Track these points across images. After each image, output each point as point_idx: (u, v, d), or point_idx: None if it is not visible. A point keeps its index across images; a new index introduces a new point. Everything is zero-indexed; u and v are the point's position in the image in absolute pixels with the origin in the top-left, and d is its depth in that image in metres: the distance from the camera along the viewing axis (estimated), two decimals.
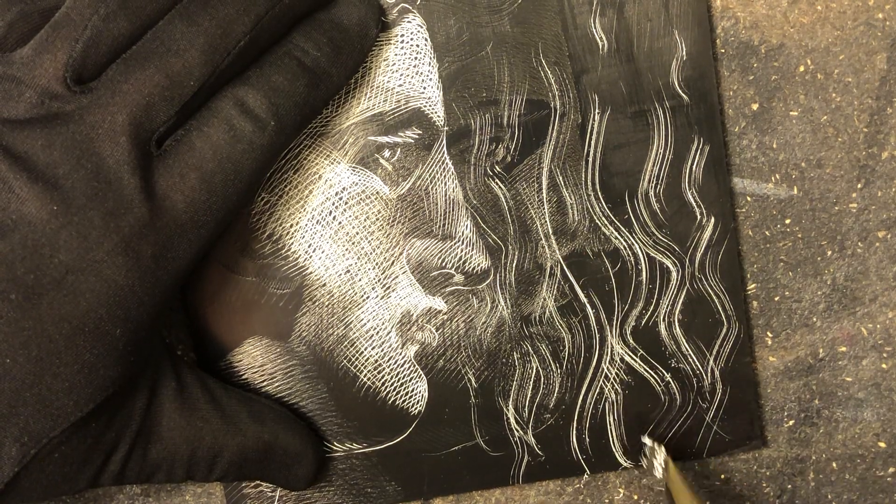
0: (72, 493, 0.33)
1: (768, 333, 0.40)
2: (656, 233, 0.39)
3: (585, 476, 0.40)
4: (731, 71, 0.38)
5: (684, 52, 0.37)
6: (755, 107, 0.39)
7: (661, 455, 0.38)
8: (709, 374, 0.39)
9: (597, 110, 0.38)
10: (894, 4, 0.38)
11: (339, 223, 0.38)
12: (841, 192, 0.39)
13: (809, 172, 0.39)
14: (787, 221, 0.39)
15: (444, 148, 0.38)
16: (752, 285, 0.40)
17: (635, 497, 0.41)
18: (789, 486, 0.41)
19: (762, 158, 0.39)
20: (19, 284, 0.29)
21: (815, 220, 0.39)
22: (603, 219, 0.38)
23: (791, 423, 0.41)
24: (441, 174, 0.38)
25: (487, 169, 0.38)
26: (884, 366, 0.40)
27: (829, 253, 0.40)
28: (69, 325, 0.30)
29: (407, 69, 0.37)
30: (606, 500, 0.41)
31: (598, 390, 0.39)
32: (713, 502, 0.41)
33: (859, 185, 0.39)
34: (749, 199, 0.39)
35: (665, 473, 0.38)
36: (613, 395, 0.39)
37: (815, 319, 0.40)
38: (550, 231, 0.38)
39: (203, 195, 0.31)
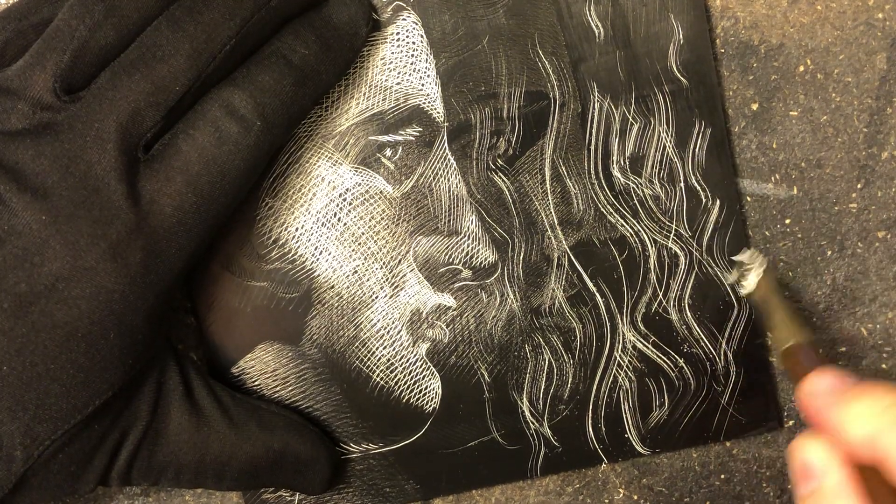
0: (83, 492, 0.33)
1: (768, 334, 0.40)
2: (662, 218, 0.38)
3: (590, 472, 0.40)
4: (731, 71, 0.38)
5: (681, 36, 0.37)
6: (755, 107, 0.38)
7: (757, 269, 0.37)
8: (722, 358, 0.39)
9: (596, 98, 0.38)
10: (894, 4, 0.38)
11: (345, 224, 0.38)
12: (841, 192, 0.39)
13: (809, 172, 0.39)
14: (787, 221, 0.39)
15: (446, 144, 0.38)
16: None
17: (635, 497, 0.41)
18: (789, 486, 0.41)
19: (762, 158, 0.39)
20: (11, 293, 0.30)
21: (814, 221, 0.39)
22: (608, 206, 0.38)
23: (791, 422, 0.40)
24: (444, 170, 0.38)
25: (490, 163, 0.38)
26: (883, 366, 0.40)
27: (829, 253, 0.39)
28: (62, 332, 0.30)
29: (404, 67, 0.37)
30: (606, 500, 0.41)
31: (611, 379, 0.39)
32: (713, 502, 0.41)
33: (859, 185, 0.39)
34: (749, 199, 0.39)
35: (757, 289, 0.37)
36: (627, 383, 0.39)
37: (814, 319, 0.40)
38: (556, 221, 0.38)
39: (190, 198, 0.32)
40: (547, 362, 0.39)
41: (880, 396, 0.28)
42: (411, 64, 0.37)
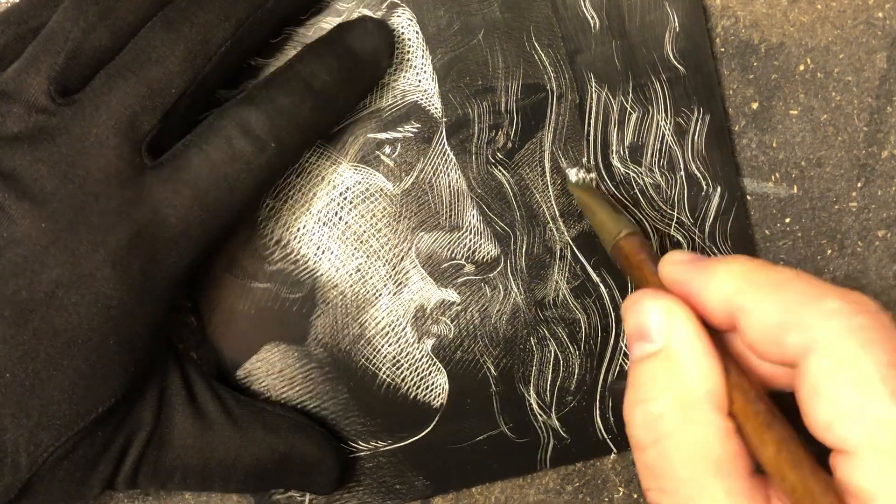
0: (88, 498, 0.33)
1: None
2: (663, 207, 0.38)
3: (590, 470, 0.40)
4: (731, 70, 0.38)
5: (676, 24, 0.37)
6: (755, 106, 0.38)
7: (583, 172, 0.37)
8: None
9: (594, 89, 0.38)
10: (894, 3, 0.38)
11: (346, 223, 0.38)
12: (841, 190, 0.39)
13: (809, 171, 0.39)
14: (787, 220, 0.39)
15: (444, 139, 0.38)
16: None
17: (635, 496, 0.41)
18: None
19: (762, 157, 0.39)
20: (11, 301, 0.30)
21: (814, 219, 0.39)
22: (609, 197, 0.38)
23: None
24: (443, 166, 0.38)
25: (489, 157, 0.38)
26: None
27: (829, 252, 0.39)
28: (63, 339, 0.30)
29: (401, 63, 0.37)
30: (606, 499, 0.41)
31: (618, 368, 0.39)
32: None
33: (859, 184, 0.39)
34: (749, 197, 0.39)
35: (581, 183, 0.37)
36: None
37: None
38: (557, 213, 0.38)
39: (196, 211, 0.31)
40: (553, 354, 0.39)
41: (741, 262, 0.28)
42: (408, 60, 0.37)
